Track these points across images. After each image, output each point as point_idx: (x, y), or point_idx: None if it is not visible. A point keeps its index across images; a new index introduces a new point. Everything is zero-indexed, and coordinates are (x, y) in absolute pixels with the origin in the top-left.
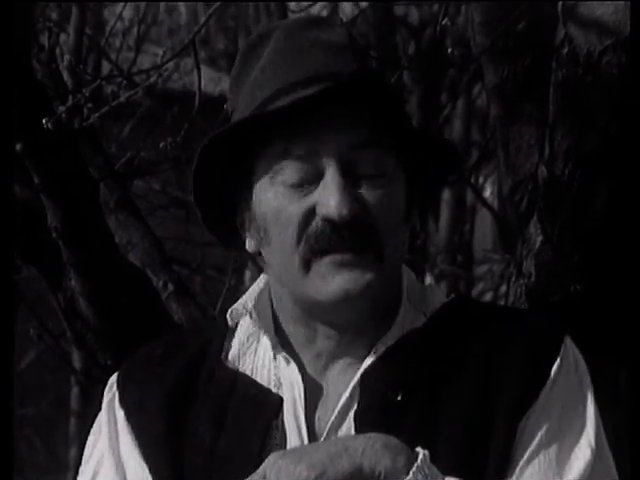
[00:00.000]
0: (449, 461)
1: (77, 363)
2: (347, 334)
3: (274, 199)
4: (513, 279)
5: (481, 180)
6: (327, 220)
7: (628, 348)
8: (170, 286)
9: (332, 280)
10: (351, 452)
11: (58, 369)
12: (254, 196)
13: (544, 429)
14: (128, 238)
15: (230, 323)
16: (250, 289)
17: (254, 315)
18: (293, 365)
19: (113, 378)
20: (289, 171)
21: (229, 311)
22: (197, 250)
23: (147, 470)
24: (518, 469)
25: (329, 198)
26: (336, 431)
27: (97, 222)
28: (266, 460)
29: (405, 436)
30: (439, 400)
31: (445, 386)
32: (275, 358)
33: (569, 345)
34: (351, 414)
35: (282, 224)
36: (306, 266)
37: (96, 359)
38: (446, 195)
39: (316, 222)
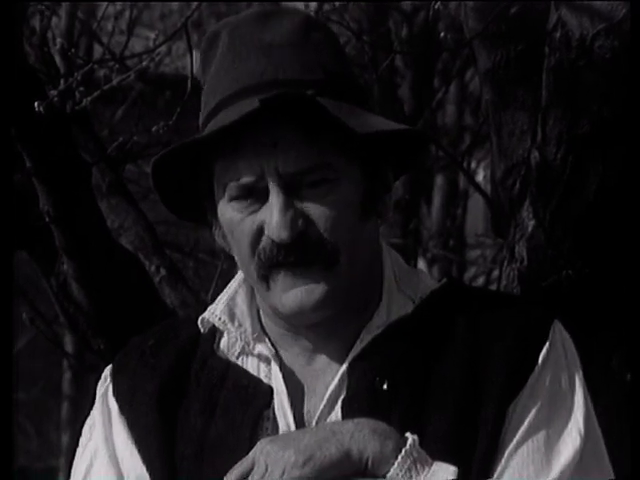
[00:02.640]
0: (437, 448)
1: (69, 347)
2: (326, 329)
3: (228, 212)
4: (505, 263)
5: (474, 165)
6: (272, 240)
7: (621, 332)
8: (162, 270)
9: (287, 295)
10: (339, 437)
11: (50, 354)
12: (216, 202)
13: (532, 415)
14: (120, 222)
15: (202, 331)
16: (221, 295)
17: (229, 325)
18: (273, 362)
19: (107, 370)
20: (236, 190)
21: (199, 319)
22: (189, 234)
23: (141, 461)
24: (506, 455)
25: (271, 220)
26: (325, 420)
27: (89, 206)
28: (256, 445)
29: (393, 424)
30: (428, 387)
31: (434, 373)
32: (255, 355)
33: (558, 330)
34: (339, 403)
35: (237, 238)
36: (264, 280)
37: (89, 343)
38: (439, 180)
39: (265, 240)
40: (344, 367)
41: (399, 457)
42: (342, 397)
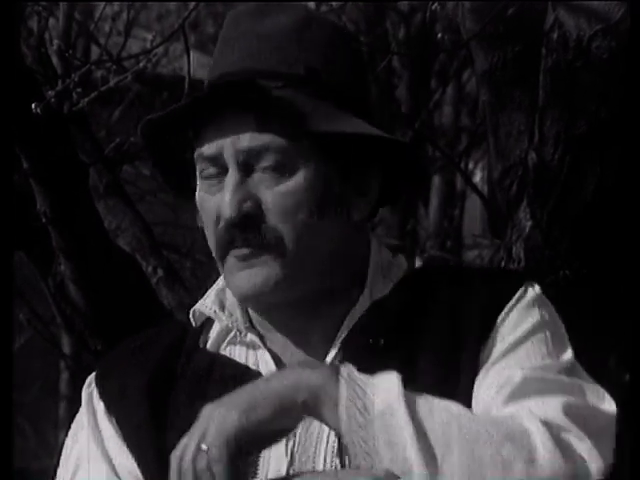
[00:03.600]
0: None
1: (67, 348)
2: (308, 316)
3: (199, 191)
4: (502, 264)
5: (471, 165)
6: (223, 219)
7: (618, 332)
8: (159, 271)
9: (236, 276)
10: (273, 385)
11: (47, 354)
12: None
13: (509, 339)
14: (118, 223)
15: (194, 324)
16: (211, 289)
17: (220, 314)
18: (262, 348)
19: (90, 376)
20: (202, 163)
21: (191, 312)
22: (186, 235)
23: (131, 457)
24: (483, 371)
25: (224, 198)
26: None
27: (87, 207)
28: (201, 410)
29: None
30: (415, 365)
31: (419, 345)
32: (246, 343)
33: (533, 286)
34: None
35: (204, 219)
36: (221, 261)
37: (86, 344)
38: (436, 180)
39: (221, 221)
40: (333, 351)
41: (341, 381)
42: None
